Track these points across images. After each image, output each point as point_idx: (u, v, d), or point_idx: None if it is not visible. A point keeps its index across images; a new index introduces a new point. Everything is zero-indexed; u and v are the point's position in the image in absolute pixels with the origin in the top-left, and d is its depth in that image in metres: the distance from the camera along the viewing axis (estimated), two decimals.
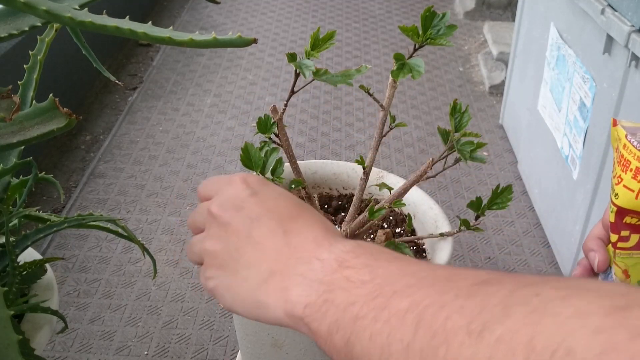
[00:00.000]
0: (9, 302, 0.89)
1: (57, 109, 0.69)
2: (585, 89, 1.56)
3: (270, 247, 0.42)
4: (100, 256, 1.76)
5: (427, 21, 0.90)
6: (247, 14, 3.48)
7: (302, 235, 0.42)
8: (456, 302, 0.31)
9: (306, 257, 0.40)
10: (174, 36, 0.57)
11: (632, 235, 0.49)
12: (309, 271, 0.39)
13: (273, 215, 0.43)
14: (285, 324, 0.41)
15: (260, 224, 0.43)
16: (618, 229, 0.49)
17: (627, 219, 0.48)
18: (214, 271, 0.44)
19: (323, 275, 0.38)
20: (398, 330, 0.32)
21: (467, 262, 1.79)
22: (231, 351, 1.48)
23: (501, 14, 3.43)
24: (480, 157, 0.98)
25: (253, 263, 0.42)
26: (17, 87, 0.94)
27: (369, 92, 1.01)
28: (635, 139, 0.47)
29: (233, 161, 2.21)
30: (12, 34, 0.67)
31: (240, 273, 0.42)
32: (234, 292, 0.43)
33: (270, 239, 0.42)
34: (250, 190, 0.45)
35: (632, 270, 0.50)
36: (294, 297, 0.39)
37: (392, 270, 0.37)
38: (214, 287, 0.44)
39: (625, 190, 0.46)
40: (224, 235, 0.44)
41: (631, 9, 1.32)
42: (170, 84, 2.72)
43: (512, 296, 0.29)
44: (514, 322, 0.28)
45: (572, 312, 0.27)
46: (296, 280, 0.39)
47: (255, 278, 0.41)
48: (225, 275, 0.43)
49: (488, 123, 2.50)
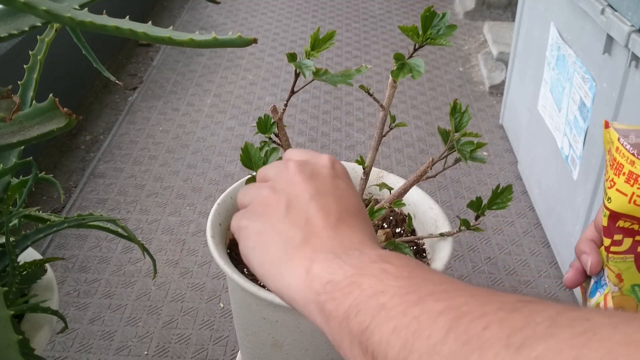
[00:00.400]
0: (9, 302, 0.89)
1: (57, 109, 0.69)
2: (585, 89, 1.56)
3: (318, 223, 0.42)
4: (100, 256, 1.76)
5: (427, 21, 0.90)
6: (247, 14, 3.48)
7: (352, 230, 0.42)
8: (498, 314, 0.30)
9: (346, 245, 0.40)
10: (174, 36, 0.57)
11: (625, 239, 0.48)
12: (344, 254, 0.39)
13: (338, 199, 0.44)
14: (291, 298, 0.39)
15: (323, 201, 0.43)
16: (611, 233, 0.49)
17: (620, 223, 0.48)
18: (253, 216, 0.44)
19: (358, 262, 0.38)
20: (427, 329, 0.31)
21: (467, 262, 1.79)
22: (231, 351, 1.48)
23: (501, 14, 3.43)
24: (480, 157, 0.98)
25: (294, 225, 0.42)
26: (17, 87, 0.94)
27: (369, 92, 1.01)
28: (628, 142, 0.46)
29: (233, 161, 2.21)
30: (12, 34, 0.67)
31: (277, 226, 0.42)
32: (261, 240, 0.43)
33: (323, 216, 0.42)
34: (333, 171, 0.46)
35: (625, 274, 0.50)
36: (318, 270, 0.38)
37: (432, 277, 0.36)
38: (245, 226, 0.44)
39: (618, 194, 0.46)
40: (284, 189, 0.44)
41: (631, 9, 1.32)
42: (170, 84, 2.72)
43: (560, 317, 0.28)
44: (557, 342, 0.27)
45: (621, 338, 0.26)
46: (326, 257, 0.39)
47: (288, 238, 0.41)
48: (262, 221, 0.43)
49: (488, 123, 2.50)
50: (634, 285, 0.50)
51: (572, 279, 0.56)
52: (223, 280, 1.68)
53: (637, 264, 0.49)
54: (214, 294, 1.64)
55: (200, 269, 1.73)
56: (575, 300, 1.67)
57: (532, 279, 1.74)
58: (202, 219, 1.92)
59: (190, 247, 1.81)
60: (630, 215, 0.47)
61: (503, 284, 1.72)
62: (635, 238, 0.48)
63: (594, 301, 0.54)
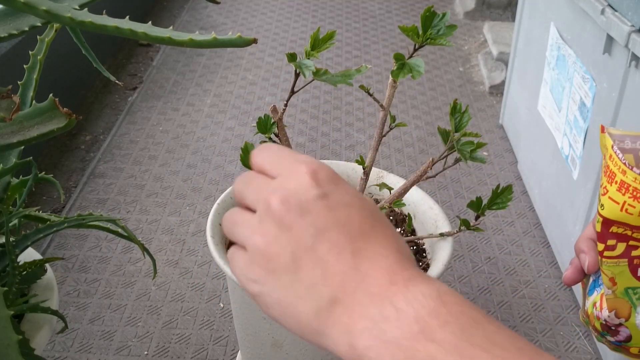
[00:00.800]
0: (9, 302, 0.89)
1: (57, 109, 0.69)
2: (585, 89, 1.56)
3: (335, 268, 0.37)
4: (100, 256, 1.76)
5: (427, 21, 0.90)
6: (247, 14, 3.48)
7: (373, 260, 0.37)
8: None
9: (377, 295, 0.35)
10: (174, 36, 0.57)
11: (619, 244, 0.48)
12: (382, 320, 0.34)
13: (342, 228, 0.38)
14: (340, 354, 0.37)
15: (327, 237, 0.37)
16: (604, 239, 0.49)
17: (613, 229, 0.48)
18: (261, 274, 0.39)
19: (400, 334, 0.34)
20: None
21: (467, 262, 1.79)
22: (231, 351, 1.48)
23: (501, 14, 3.43)
24: (480, 157, 0.98)
25: (313, 282, 0.37)
26: (17, 87, 0.94)
27: (369, 92, 1.01)
28: (622, 150, 0.46)
29: (233, 161, 2.21)
30: (12, 34, 0.67)
31: (296, 289, 0.38)
32: (286, 310, 0.38)
33: (336, 257, 0.37)
34: (320, 190, 0.39)
35: (619, 277, 0.50)
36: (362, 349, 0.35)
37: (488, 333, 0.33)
38: (258, 292, 0.39)
39: (611, 201, 0.46)
40: (280, 237, 0.38)
41: (631, 9, 1.32)
42: (170, 84, 2.72)
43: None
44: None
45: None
46: (364, 324, 0.35)
47: (314, 302, 0.37)
48: (275, 284, 0.38)
49: (488, 123, 2.50)
50: (628, 288, 0.50)
51: (571, 276, 0.56)
52: (223, 280, 1.68)
53: (631, 267, 0.49)
54: (214, 294, 1.64)
55: (200, 269, 1.73)
56: (575, 299, 1.67)
57: (532, 279, 1.74)
58: (202, 219, 1.92)
59: (190, 247, 1.81)
60: (623, 222, 0.47)
61: (503, 284, 1.72)
62: (629, 243, 0.48)
63: (591, 299, 0.55)
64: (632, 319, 0.51)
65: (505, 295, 1.69)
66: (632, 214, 0.45)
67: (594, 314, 0.54)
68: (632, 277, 0.50)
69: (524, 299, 1.68)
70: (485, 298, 1.68)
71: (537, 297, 1.69)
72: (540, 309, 1.65)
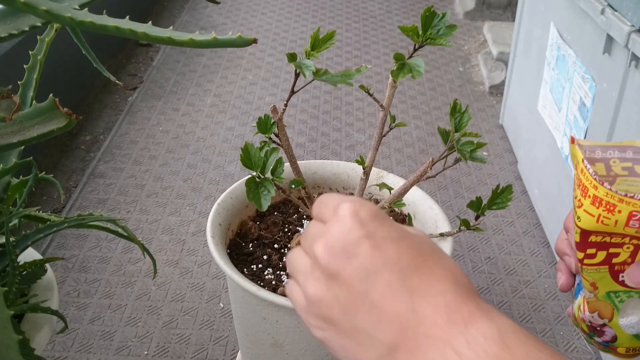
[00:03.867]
0: (9, 302, 0.89)
1: (57, 109, 0.69)
2: (585, 89, 1.56)
3: (391, 312, 0.36)
4: (100, 256, 1.76)
5: (427, 21, 0.90)
6: (247, 14, 3.48)
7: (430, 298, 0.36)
8: None
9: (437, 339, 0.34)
10: (174, 36, 0.57)
11: (599, 252, 0.48)
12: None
13: (393, 267, 0.36)
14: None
15: (379, 280, 0.36)
16: (584, 248, 0.48)
17: (592, 238, 0.48)
18: (321, 322, 0.38)
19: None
20: None
21: (467, 262, 1.79)
22: (231, 351, 1.48)
23: (501, 14, 3.43)
24: (480, 157, 0.98)
25: (372, 329, 0.36)
26: (17, 87, 0.94)
27: (369, 92, 1.01)
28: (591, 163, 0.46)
29: (233, 161, 2.21)
30: (12, 34, 0.67)
31: (355, 336, 0.37)
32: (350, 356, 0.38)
33: (391, 300, 0.36)
34: (364, 230, 0.37)
35: (600, 282, 0.50)
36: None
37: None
38: (322, 338, 0.39)
39: (587, 214, 0.46)
40: (331, 286, 0.37)
41: (631, 9, 1.32)
42: (170, 84, 2.72)
43: None
44: None
45: None
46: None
47: (375, 350, 0.36)
48: (335, 331, 0.38)
49: (488, 123, 2.50)
50: (610, 292, 0.50)
51: (566, 282, 0.55)
52: (223, 280, 1.68)
53: (612, 273, 0.49)
54: (214, 294, 1.64)
55: (200, 269, 1.73)
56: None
57: (532, 279, 1.74)
58: (202, 219, 1.92)
59: (190, 247, 1.81)
60: (601, 231, 0.47)
61: (503, 284, 1.72)
62: (609, 250, 0.48)
63: (577, 302, 0.55)
64: (615, 319, 0.51)
65: (505, 295, 1.69)
66: (608, 225, 0.45)
67: (580, 316, 0.54)
68: (614, 282, 0.50)
69: (523, 299, 1.68)
70: (485, 298, 1.68)
71: (537, 297, 1.69)
72: (540, 309, 1.65)
